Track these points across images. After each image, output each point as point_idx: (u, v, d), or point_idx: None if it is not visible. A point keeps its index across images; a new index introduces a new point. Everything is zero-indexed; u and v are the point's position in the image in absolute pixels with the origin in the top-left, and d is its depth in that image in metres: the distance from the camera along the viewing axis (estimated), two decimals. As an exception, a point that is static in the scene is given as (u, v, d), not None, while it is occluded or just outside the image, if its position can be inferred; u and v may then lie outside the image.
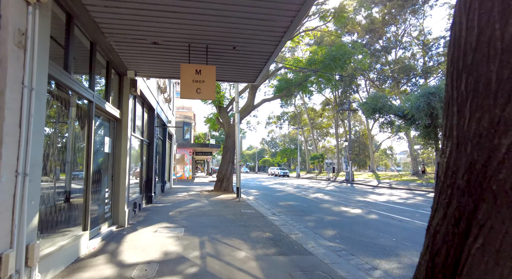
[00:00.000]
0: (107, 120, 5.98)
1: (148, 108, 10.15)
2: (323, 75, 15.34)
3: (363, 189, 20.05)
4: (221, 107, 15.58)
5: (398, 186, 22.32)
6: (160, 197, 12.41)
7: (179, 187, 18.05)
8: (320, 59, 14.49)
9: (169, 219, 7.55)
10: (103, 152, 5.69)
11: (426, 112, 15.44)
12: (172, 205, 10.18)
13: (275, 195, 15.22)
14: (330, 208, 10.69)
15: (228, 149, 14.82)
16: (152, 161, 10.28)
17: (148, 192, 10.12)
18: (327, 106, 49.21)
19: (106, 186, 5.93)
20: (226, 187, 14.70)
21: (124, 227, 6.31)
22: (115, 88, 6.40)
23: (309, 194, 15.83)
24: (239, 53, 5.36)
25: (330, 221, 8.21)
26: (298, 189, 19.77)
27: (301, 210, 10.22)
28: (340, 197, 14.59)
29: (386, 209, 10.61)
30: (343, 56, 14.99)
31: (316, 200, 13.09)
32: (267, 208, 10.44)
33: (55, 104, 3.80)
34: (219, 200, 11.86)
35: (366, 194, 16.14)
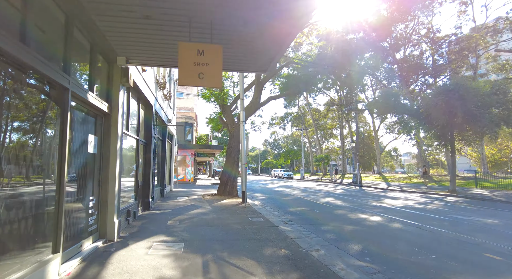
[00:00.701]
0: (92, 115, 5.02)
1: (145, 105, 9.19)
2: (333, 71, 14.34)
3: (374, 193, 18.98)
4: (224, 106, 14.61)
5: (409, 189, 21.24)
6: (159, 202, 11.43)
7: (180, 191, 17.07)
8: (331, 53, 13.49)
9: (167, 230, 6.56)
10: (86, 152, 4.72)
11: (444, 110, 14.39)
12: (172, 212, 9.19)
13: (282, 200, 14.20)
14: (346, 215, 9.67)
15: (232, 150, 13.84)
16: (150, 163, 9.32)
17: (144, 198, 9.15)
18: (331, 106, 48.16)
19: (91, 194, 4.95)
20: (230, 190, 13.71)
21: (113, 242, 5.32)
22: (102, 78, 5.44)
23: (319, 199, 14.80)
24: (250, 33, 4.39)
25: (351, 232, 7.19)
26: (306, 192, 18.73)
27: (314, 218, 9.20)
28: (353, 202, 13.55)
29: (408, 216, 9.57)
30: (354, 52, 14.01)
31: (328, 206, 12.06)
32: (277, 215, 9.43)
33: (10, 88, 2.83)
34: (223, 205, 10.86)
35: (379, 198, 15.08)
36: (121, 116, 5.80)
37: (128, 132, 6.92)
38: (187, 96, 50.96)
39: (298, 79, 14.30)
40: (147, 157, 9.27)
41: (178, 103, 47.45)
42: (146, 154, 9.25)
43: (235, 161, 13.92)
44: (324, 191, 19.77)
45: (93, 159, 5.05)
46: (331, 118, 54.07)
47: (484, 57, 32.24)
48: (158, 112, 10.72)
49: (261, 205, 11.94)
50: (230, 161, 13.84)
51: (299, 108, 55.61)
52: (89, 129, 4.88)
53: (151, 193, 9.52)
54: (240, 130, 12.03)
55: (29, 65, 2.93)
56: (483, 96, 14.79)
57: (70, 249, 4.01)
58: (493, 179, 21.49)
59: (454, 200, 15.01)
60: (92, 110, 4.91)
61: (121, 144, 5.78)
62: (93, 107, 4.80)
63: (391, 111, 18.21)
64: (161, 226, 7.00)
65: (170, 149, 17.03)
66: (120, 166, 5.77)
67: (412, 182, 28.32)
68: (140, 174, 8.99)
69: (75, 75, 4.32)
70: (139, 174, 8.55)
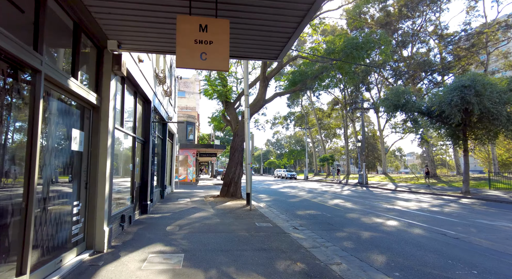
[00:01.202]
0: (78, 107, 4.33)
1: (142, 100, 8.51)
2: (342, 67, 13.60)
3: (382, 194, 18.21)
4: (228, 103, 13.90)
5: (418, 190, 20.43)
6: (158, 204, 10.75)
7: (182, 192, 16.40)
8: (339, 47, 12.76)
9: (166, 237, 5.86)
10: (69, 150, 4.04)
11: (459, 107, 13.60)
12: (172, 215, 8.50)
13: (288, 202, 13.48)
14: (360, 220, 8.93)
15: (236, 149, 13.13)
16: (148, 163, 8.63)
17: (142, 200, 8.46)
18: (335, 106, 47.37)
19: (76, 198, 4.26)
20: (234, 192, 13.00)
21: (102, 253, 4.63)
22: (90, 65, 4.76)
23: (327, 200, 14.06)
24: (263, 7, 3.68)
25: (370, 239, 6.46)
26: (312, 193, 17.98)
27: (326, 222, 8.47)
28: (363, 204, 12.80)
29: (427, 220, 8.82)
30: (365, 45, 13.26)
31: (338, 208, 11.33)
32: (285, 219, 8.72)
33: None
34: (227, 208, 10.16)
35: (390, 200, 14.32)
36: (113, 109, 5.11)
37: (123, 129, 6.23)
38: (189, 95, 50.36)
39: (305, 75, 13.56)
40: (145, 157, 8.58)
41: (180, 102, 46.86)
42: (144, 153, 8.57)
43: (239, 161, 13.21)
44: (331, 192, 19.01)
45: (78, 157, 4.36)
46: (335, 118, 53.26)
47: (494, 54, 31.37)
48: (158, 108, 10.04)
49: (267, 207, 11.23)
50: (234, 161, 13.14)
51: (302, 107, 54.85)
52: (73, 123, 4.19)
53: (149, 195, 8.83)
54: (245, 128, 11.33)
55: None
56: (500, 92, 14.00)
57: (44, 267, 3.31)
58: (505, 180, 20.64)
59: (470, 202, 14.22)
60: (77, 101, 4.22)
61: (112, 141, 5.08)
62: (77, 97, 4.11)
63: (401, 109, 17.42)
64: (159, 232, 6.31)
65: (171, 149, 16.36)
66: (112, 166, 5.08)
67: (420, 182, 27.50)
68: (138, 174, 8.31)
69: (52, 56, 3.63)
70: (136, 175, 7.86)
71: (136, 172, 7.88)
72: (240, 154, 13.22)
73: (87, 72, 4.65)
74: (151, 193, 9.44)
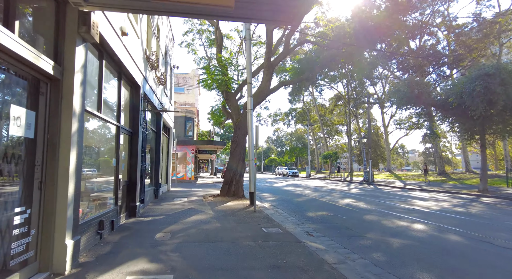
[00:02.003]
0: (22, 76, 3.14)
1: (129, 84, 7.31)
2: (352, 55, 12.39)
3: (393, 192, 17.05)
4: (228, 93, 12.69)
5: (430, 187, 19.27)
6: (151, 205, 9.58)
7: (179, 191, 15.23)
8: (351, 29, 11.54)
9: (153, 249, 4.69)
10: (8, 136, 2.85)
11: (482, 98, 12.39)
12: (164, 219, 7.33)
13: (295, 202, 12.32)
14: (381, 223, 7.77)
15: (237, 144, 11.94)
16: (137, 158, 7.44)
17: (130, 202, 7.29)
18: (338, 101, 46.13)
19: (20, 203, 3.08)
20: (236, 191, 11.83)
21: (63, 276, 3.45)
22: (44, 22, 3.56)
23: (337, 200, 12.90)
24: None
25: (403, 249, 5.29)
26: (319, 192, 16.83)
27: (344, 226, 7.30)
28: (377, 204, 11.64)
29: (458, 223, 7.66)
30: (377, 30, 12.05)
31: (352, 209, 10.17)
32: (295, 222, 7.56)
33: None
34: (228, 209, 9.00)
35: (405, 199, 13.17)
36: (81, 85, 3.92)
37: (100, 114, 5.04)
38: (188, 91, 49.13)
39: (312, 62, 12.36)
40: (134, 151, 7.40)
41: (179, 98, 45.65)
42: (132, 146, 7.38)
43: (241, 156, 12.03)
44: (338, 191, 17.86)
45: (25, 147, 3.18)
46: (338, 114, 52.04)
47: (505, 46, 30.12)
48: (149, 96, 8.84)
49: (273, 208, 10.07)
50: (235, 156, 11.96)
51: (304, 103, 53.62)
52: (15, 98, 3.00)
53: (138, 196, 7.66)
54: (248, 120, 10.14)
55: None
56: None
57: None
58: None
59: (492, 201, 13.06)
60: (18, 67, 3.02)
61: (80, 126, 3.90)
62: (18, 60, 2.92)
63: (413, 102, 16.21)
64: (146, 242, 5.14)
65: (167, 144, 15.18)
66: (79, 159, 3.90)
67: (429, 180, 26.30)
68: (125, 171, 7.14)
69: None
70: (121, 172, 6.69)
71: (121, 168, 6.71)
72: (242, 149, 12.04)
73: (39, 31, 3.45)
74: (141, 192, 8.28)
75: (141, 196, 8.34)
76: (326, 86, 44.34)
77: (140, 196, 8.15)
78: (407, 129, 43.23)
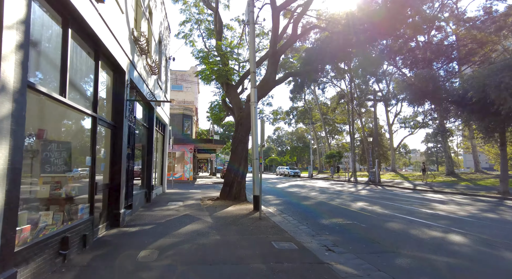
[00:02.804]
0: None
1: (111, 67, 6.11)
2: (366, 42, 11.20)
3: (405, 194, 15.87)
4: (229, 86, 11.48)
5: (442, 189, 18.09)
6: (141, 211, 8.39)
7: (175, 193, 14.04)
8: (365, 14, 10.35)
9: (131, 277, 3.50)
10: None
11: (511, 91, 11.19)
12: (154, 229, 6.14)
13: (303, 205, 11.14)
14: (409, 233, 6.59)
15: (239, 141, 10.75)
16: (121, 156, 6.26)
17: (113, 208, 6.10)
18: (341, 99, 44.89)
19: None
20: (237, 194, 10.65)
21: None
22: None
23: (348, 203, 11.72)
24: None
25: (456, 274, 4.11)
26: (326, 194, 15.64)
27: (367, 237, 6.11)
28: (395, 208, 10.46)
29: (507, 234, 6.48)
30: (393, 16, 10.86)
31: (369, 214, 8.98)
32: (309, 233, 6.38)
33: None
34: (229, 216, 7.81)
35: (423, 203, 11.99)
36: (19, 48, 2.73)
37: (64, 99, 3.86)
38: (187, 89, 47.90)
39: (323, 51, 11.18)
40: (117, 147, 6.21)
41: (177, 96, 44.37)
42: (114, 142, 6.19)
43: (243, 155, 10.84)
44: (346, 192, 16.68)
45: None
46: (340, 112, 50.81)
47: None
48: (138, 85, 7.64)
49: (279, 213, 8.89)
50: (237, 155, 10.76)
51: (305, 102, 52.42)
52: None
53: (123, 201, 6.46)
54: (251, 114, 8.95)
55: None
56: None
57: None
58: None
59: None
60: None
61: (18, 109, 2.71)
62: None
63: (429, 97, 15.03)
64: (125, 265, 3.95)
65: (162, 142, 13.99)
66: (15, 155, 2.70)
67: (438, 180, 25.17)
68: (106, 172, 5.96)
69: None
70: (101, 173, 5.51)
71: (100, 168, 5.52)
72: (245, 147, 10.85)
73: None
74: (128, 197, 7.09)
75: (128, 201, 7.15)
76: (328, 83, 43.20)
77: (126, 201, 6.96)
78: (412, 128, 42.06)
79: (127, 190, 6.96)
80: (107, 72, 5.94)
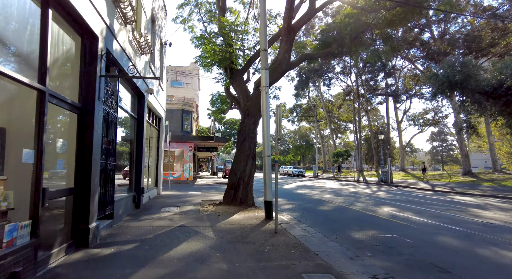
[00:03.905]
0: None
1: (74, 27, 4.45)
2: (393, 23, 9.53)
3: (429, 197, 14.20)
4: (234, 70, 9.80)
5: (467, 190, 16.40)
6: (126, 220, 6.75)
7: (172, 195, 12.41)
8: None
9: None
10: None
11: None
12: (135, 251, 4.50)
13: (321, 212, 9.48)
14: (478, 253, 4.94)
15: (246, 135, 9.09)
16: (92, 151, 4.61)
17: (79, 222, 4.46)
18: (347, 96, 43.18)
19: None
20: (244, 197, 9.01)
21: None
22: None
23: (372, 208, 10.06)
24: None
25: None
26: (341, 196, 13.98)
27: (429, 262, 4.45)
28: (430, 215, 8.79)
29: None
30: None
31: (407, 224, 7.32)
32: (346, 254, 4.72)
33: None
34: (236, 228, 6.16)
35: (458, 208, 10.33)
36: None
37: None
38: (187, 85, 46.30)
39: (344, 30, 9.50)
40: (85, 139, 4.56)
41: (177, 92, 42.78)
42: (81, 131, 4.54)
43: (250, 152, 9.18)
44: (362, 194, 15.02)
45: None
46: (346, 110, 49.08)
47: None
48: (120, 61, 5.99)
49: (297, 223, 7.22)
50: (243, 152, 9.11)
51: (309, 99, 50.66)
52: None
53: (95, 211, 4.82)
54: (262, 101, 7.30)
55: None
56: None
57: None
58: None
59: None
60: None
61: None
62: None
63: (457, 87, 13.34)
64: None
65: (157, 138, 12.35)
66: None
67: (455, 181, 23.46)
68: (69, 172, 4.33)
69: None
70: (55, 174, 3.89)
71: (57, 167, 3.89)
72: (252, 143, 9.20)
73: None
74: (104, 205, 5.45)
75: (105, 210, 5.52)
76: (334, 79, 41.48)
77: (102, 210, 5.32)
78: (421, 125, 40.34)
79: (103, 196, 5.32)
80: (67, 32, 4.29)
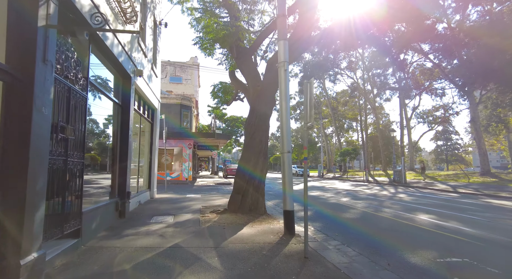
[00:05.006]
0: None
1: None
2: None
3: (458, 199, 12.56)
4: (240, 49, 8.10)
5: (497, 193, 14.76)
6: (100, 238, 5.09)
7: (168, 199, 10.75)
8: None
9: None
10: None
11: None
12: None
13: (347, 221, 7.82)
14: None
15: (256, 128, 7.42)
16: (28, 142, 2.95)
17: (3, 256, 2.79)
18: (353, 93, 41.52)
19: None
20: (254, 204, 7.34)
21: None
22: None
23: (405, 215, 8.39)
24: None
25: None
26: (360, 200, 12.33)
27: None
28: (483, 225, 7.14)
29: None
30: None
31: (466, 240, 5.66)
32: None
33: None
34: (247, 249, 4.49)
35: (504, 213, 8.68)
36: None
37: None
38: (187, 81, 44.65)
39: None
40: (20, 121, 2.90)
41: (176, 88, 41.13)
42: (11, 109, 2.88)
43: (261, 148, 7.50)
44: (383, 197, 13.37)
45: None
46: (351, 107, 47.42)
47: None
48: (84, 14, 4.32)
49: (325, 239, 5.56)
50: (253, 148, 7.44)
51: (313, 96, 48.98)
52: None
53: (38, 234, 3.16)
54: (280, 81, 5.63)
55: None
56: None
57: None
58: None
59: None
60: None
61: None
62: None
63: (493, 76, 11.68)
64: None
65: (150, 132, 10.69)
66: None
67: (475, 181, 21.80)
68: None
69: None
70: None
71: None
72: (264, 136, 7.52)
73: None
74: (61, 222, 3.80)
75: (62, 228, 3.86)
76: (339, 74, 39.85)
77: (59, 228, 3.67)
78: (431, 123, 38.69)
79: (62, 207, 3.67)
80: None
